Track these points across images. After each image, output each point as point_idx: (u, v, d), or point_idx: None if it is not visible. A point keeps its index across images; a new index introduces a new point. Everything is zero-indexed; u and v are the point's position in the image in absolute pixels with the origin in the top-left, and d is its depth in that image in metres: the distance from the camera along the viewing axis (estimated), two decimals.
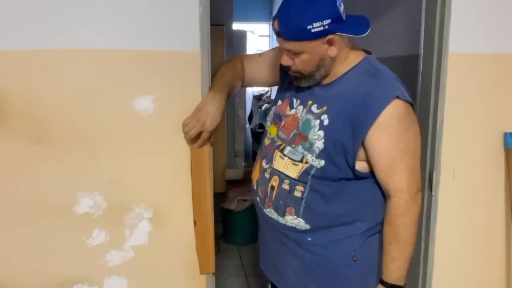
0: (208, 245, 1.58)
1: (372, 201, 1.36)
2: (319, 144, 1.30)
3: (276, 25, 1.26)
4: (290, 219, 1.37)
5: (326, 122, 1.30)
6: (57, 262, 1.55)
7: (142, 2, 1.44)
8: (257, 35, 7.77)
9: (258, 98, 6.05)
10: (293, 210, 1.36)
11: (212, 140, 1.52)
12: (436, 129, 1.67)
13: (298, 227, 1.37)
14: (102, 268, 1.57)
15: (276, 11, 1.26)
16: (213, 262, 1.61)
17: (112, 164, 1.52)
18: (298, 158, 1.33)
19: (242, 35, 3.69)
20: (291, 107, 1.41)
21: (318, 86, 1.36)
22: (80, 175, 1.50)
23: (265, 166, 1.42)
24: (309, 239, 1.38)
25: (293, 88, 1.42)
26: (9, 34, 1.40)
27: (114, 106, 1.48)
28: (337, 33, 1.23)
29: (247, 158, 3.95)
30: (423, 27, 1.79)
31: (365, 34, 1.25)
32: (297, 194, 1.34)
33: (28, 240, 1.52)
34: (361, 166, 1.31)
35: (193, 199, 1.56)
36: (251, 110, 5.39)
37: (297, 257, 1.42)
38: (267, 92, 6.52)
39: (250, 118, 5.22)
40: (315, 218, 1.35)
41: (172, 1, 1.45)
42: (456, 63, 1.64)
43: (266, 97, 6.28)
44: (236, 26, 3.99)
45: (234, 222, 3.51)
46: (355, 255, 1.37)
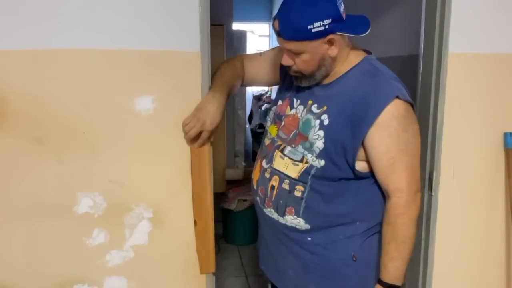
0: (208, 245, 1.58)
1: (372, 201, 1.36)
2: (319, 144, 1.30)
3: (276, 25, 1.26)
4: (290, 219, 1.37)
5: (326, 122, 1.30)
6: (57, 262, 1.55)
7: (142, 2, 1.44)
8: (257, 35, 7.77)
9: (258, 98, 6.05)
10: (293, 210, 1.36)
11: (212, 140, 1.52)
12: (436, 129, 1.67)
13: (298, 227, 1.37)
14: (102, 268, 1.57)
15: (276, 11, 1.26)
16: (213, 262, 1.61)
17: (112, 164, 1.52)
18: (298, 158, 1.33)
19: (242, 35, 3.69)
20: (291, 107, 1.41)
21: (318, 86, 1.36)
22: (80, 175, 1.50)
23: (265, 166, 1.42)
24: (309, 239, 1.38)
25: (293, 88, 1.42)
26: (9, 34, 1.40)
27: (114, 106, 1.48)
28: (337, 32, 1.23)
29: (247, 158, 3.95)
30: (423, 27, 1.79)
31: (365, 34, 1.25)
32: (297, 194, 1.34)
33: (28, 240, 1.52)
34: (361, 166, 1.31)
35: (193, 199, 1.56)
36: (251, 110, 5.39)
37: (297, 257, 1.42)
38: (267, 92, 6.52)
39: (250, 118, 5.22)
40: (315, 218, 1.35)
41: (172, 1, 1.45)
42: (456, 63, 1.64)
43: (266, 97, 6.28)
44: (236, 26, 4.00)
45: (234, 222, 3.51)
46: (355, 255, 1.37)
